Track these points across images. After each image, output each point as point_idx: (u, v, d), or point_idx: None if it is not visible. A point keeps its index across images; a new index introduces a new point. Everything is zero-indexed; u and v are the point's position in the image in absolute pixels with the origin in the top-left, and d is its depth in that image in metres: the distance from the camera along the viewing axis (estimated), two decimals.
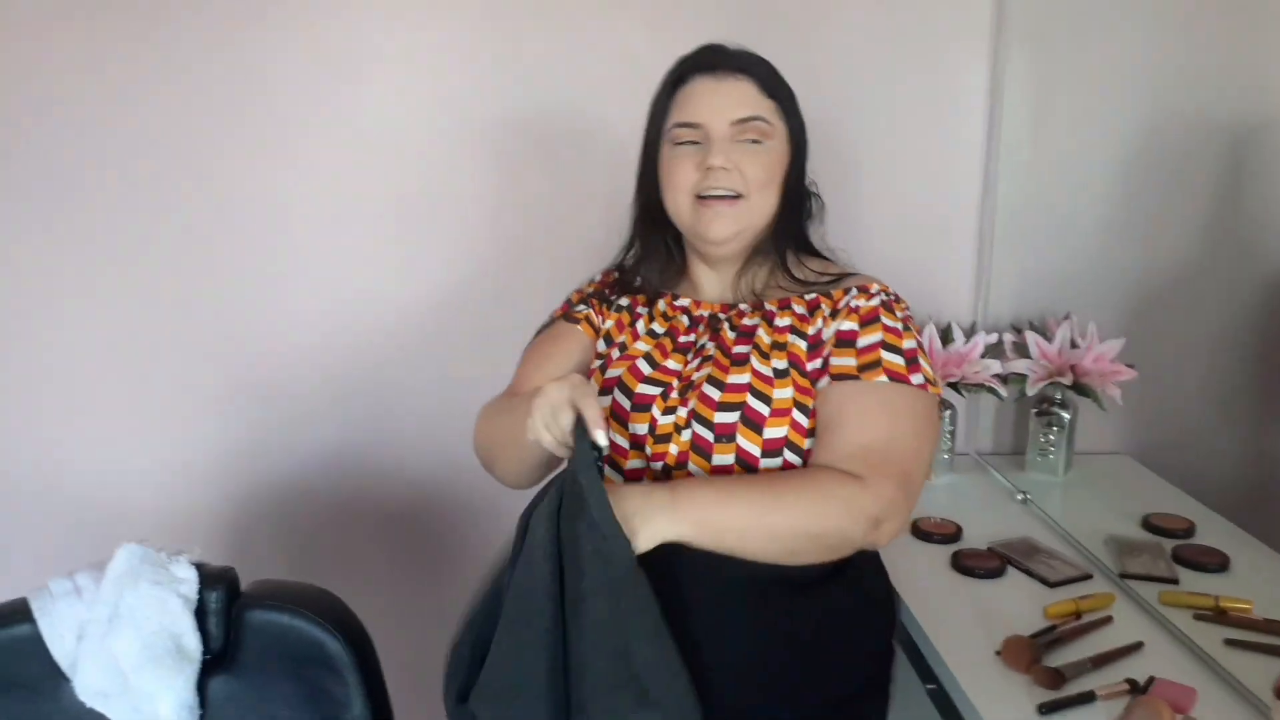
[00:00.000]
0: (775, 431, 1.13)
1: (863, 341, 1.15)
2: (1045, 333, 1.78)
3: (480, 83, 1.76)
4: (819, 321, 1.19)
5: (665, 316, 1.28)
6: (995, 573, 1.46)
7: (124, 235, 1.77)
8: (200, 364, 1.83)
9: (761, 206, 1.21)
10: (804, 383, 1.16)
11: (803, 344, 1.18)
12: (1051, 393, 1.78)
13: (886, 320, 1.16)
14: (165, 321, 1.81)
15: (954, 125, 1.82)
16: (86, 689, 1.16)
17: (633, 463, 1.20)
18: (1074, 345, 1.75)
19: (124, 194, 1.75)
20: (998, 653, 1.25)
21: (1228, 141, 1.68)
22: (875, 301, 1.18)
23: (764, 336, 1.19)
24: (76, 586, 1.19)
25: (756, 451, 1.13)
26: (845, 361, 1.14)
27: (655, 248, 1.31)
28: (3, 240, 1.76)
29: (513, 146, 1.79)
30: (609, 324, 1.31)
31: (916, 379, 1.13)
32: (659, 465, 1.17)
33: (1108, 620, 1.32)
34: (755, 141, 1.20)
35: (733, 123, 1.19)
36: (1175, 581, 1.40)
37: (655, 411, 1.18)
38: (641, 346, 1.25)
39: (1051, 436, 1.79)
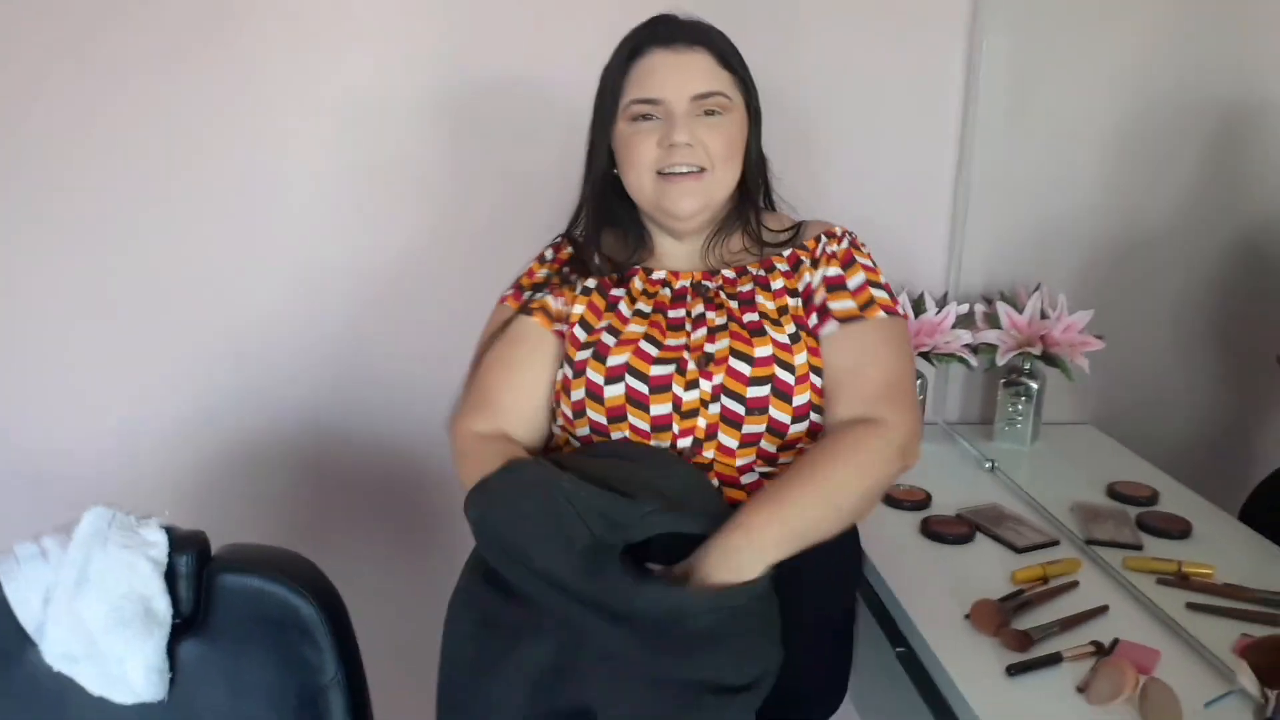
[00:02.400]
0: (802, 399, 1.17)
1: (852, 283, 1.21)
2: (1016, 303, 1.80)
3: (452, 51, 1.73)
4: (805, 275, 1.23)
5: (647, 294, 1.25)
6: (964, 539, 1.48)
7: (91, 200, 1.72)
8: (171, 329, 1.80)
9: (724, 179, 1.22)
10: (813, 343, 1.19)
11: (799, 302, 1.21)
12: (1020, 363, 1.80)
13: (861, 260, 1.23)
14: (135, 286, 1.77)
15: (930, 95, 1.81)
16: (53, 653, 1.14)
17: (656, 443, 1.18)
18: (1044, 316, 1.77)
19: (89, 159, 1.71)
20: (966, 616, 1.27)
21: (1203, 118, 1.69)
22: (845, 244, 1.24)
23: (766, 303, 1.20)
24: (42, 549, 1.17)
25: (787, 420, 1.17)
26: (845, 305, 1.20)
27: (612, 223, 1.29)
28: None
29: (483, 115, 1.76)
30: (579, 309, 1.24)
31: (900, 309, 1.24)
32: (687, 441, 1.17)
33: (1074, 585, 1.35)
34: (714, 113, 1.20)
35: (693, 98, 1.19)
36: (1139, 548, 1.43)
37: (677, 389, 1.17)
38: (635, 329, 1.21)
39: (1020, 406, 1.81)
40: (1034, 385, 1.79)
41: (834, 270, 1.21)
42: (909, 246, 1.87)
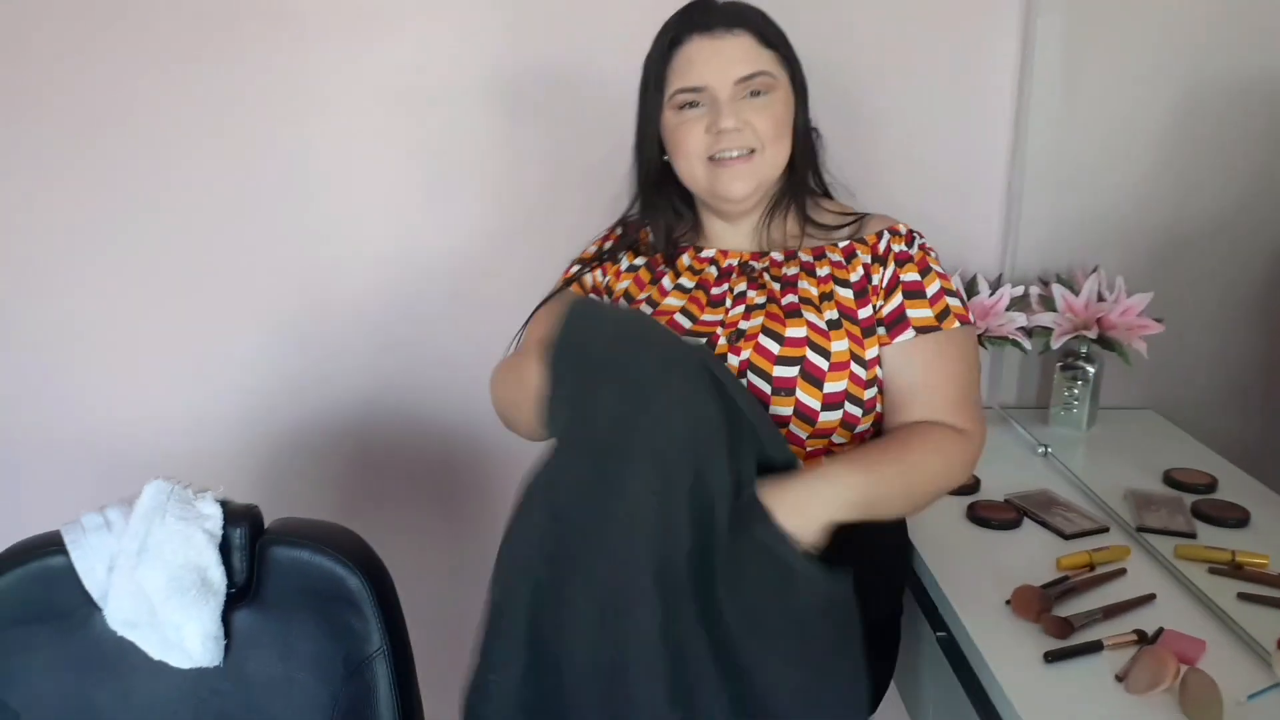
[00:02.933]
0: (835, 386, 1.17)
1: (930, 291, 1.21)
2: (1072, 285, 1.76)
3: (509, 31, 1.74)
4: (859, 269, 1.21)
5: (693, 270, 1.27)
6: (1011, 524, 1.46)
7: (157, 181, 1.79)
8: (234, 310, 1.86)
9: (774, 158, 1.22)
10: (856, 332, 1.18)
11: (849, 293, 1.20)
12: (1077, 346, 1.76)
13: (936, 267, 1.23)
14: (199, 266, 1.84)
15: (985, 74, 1.78)
16: (117, 619, 1.20)
17: None
18: (1101, 298, 1.73)
19: (154, 138, 1.77)
20: (1008, 602, 1.25)
21: (1265, 98, 1.63)
22: (916, 248, 1.23)
23: (809, 288, 1.20)
24: (107, 520, 1.23)
25: (816, 405, 1.17)
26: (923, 314, 1.20)
27: (661, 208, 1.30)
28: (36, 183, 1.79)
29: (536, 101, 1.78)
30: (624, 284, 1.29)
31: (970, 316, 1.24)
32: None
33: (1121, 573, 1.32)
34: (759, 93, 1.20)
35: (736, 81, 1.19)
36: (1193, 536, 1.39)
37: None
38: (673, 302, 1.25)
39: (1076, 390, 1.77)
40: (1090, 369, 1.75)
41: (911, 276, 1.21)
42: (963, 227, 1.84)
